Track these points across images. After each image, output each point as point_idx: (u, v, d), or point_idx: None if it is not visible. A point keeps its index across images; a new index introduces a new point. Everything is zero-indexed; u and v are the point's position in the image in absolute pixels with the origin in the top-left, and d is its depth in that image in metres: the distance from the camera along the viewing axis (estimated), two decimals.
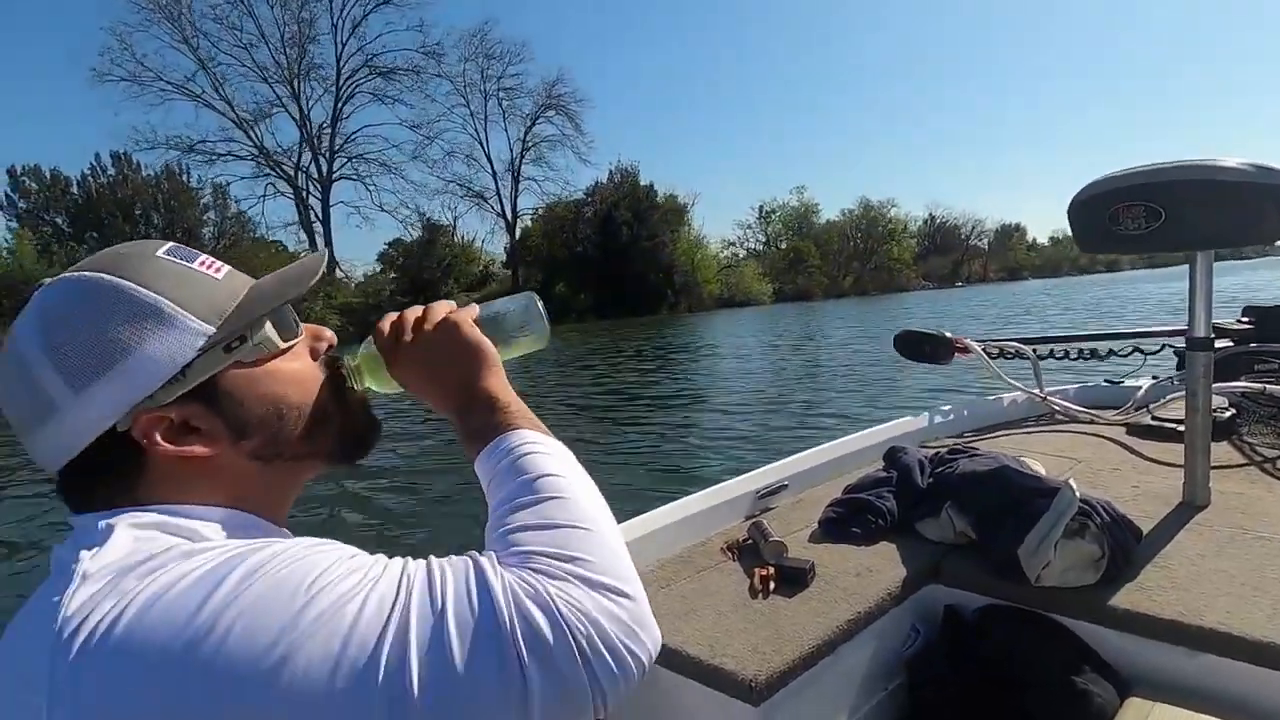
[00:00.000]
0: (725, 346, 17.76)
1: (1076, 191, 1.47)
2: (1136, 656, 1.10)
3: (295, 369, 0.56)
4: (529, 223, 47.92)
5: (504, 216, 48.47)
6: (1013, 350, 2.29)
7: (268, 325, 0.54)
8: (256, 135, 40.49)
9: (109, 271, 0.49)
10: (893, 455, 1.62)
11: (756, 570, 1.29)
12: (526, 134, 49.16)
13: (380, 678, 0.37)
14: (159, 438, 0.49)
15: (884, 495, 1.48)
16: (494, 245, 50.17)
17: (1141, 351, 2.39)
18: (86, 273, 0.50)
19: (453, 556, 0.45)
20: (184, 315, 0.49)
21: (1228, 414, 1.90)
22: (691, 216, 54.45)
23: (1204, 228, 1.29)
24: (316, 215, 41.63)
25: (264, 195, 39.96)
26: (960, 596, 1.29)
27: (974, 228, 74.51)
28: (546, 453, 0.55)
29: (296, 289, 0.56)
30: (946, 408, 2.25)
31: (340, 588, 0.40)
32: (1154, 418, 2.01)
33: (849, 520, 1.44)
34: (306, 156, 41.71)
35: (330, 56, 42.28)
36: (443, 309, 0.64)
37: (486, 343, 0.62)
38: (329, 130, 42.25)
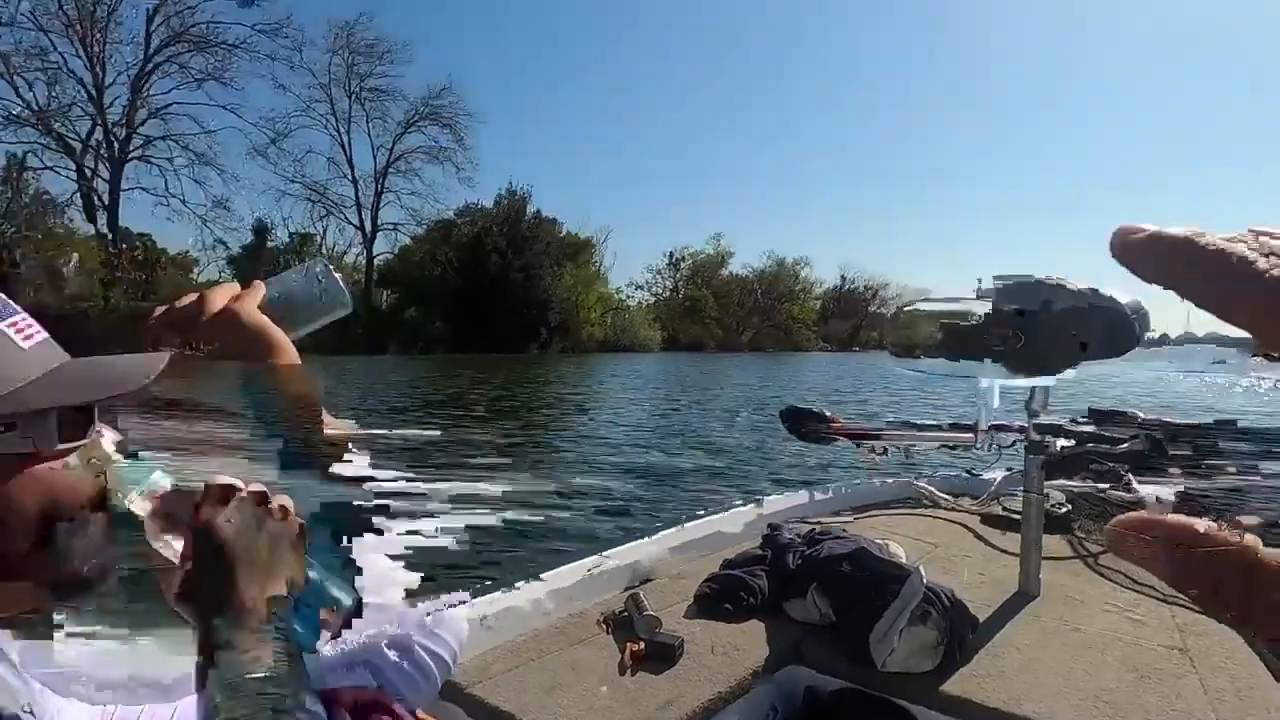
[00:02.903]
0: (600, 397, 16.38)
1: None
2: None
3: (59, 480, 0.46)
4: (407, 239, 43.32)
5: (362, 229, 42.40)
6: (888, 435, 2.46)
7: (52, 419, 0.45)
8: (36, 96, 31.24)
9: None
10: (769, 533, 1.70)
11: (628, 645, 1.31)
12: (395, 143, 43.67)
13: None
14: None
15: (757, 574, 1.54)
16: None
17: (1000, 445, 2.62)
18: None
19: None
20: None
21: (1064, 509, 2.11)
22: (601, 254, 51.74)
23: None
24: (100, 199, 32.95)
25: (24, 165, 29.63)
26: (819, 679, 1.35)
27: (875, 294, 77.29)
28: None
29: (113, 390, 0.47)
30: (827, 487, 2.39)
31: None
32: (1003, 508, 2.20)
33: (722, 597, 1.49)
34: (100, 132, 32.60)
35: (140, 18, 33.04)
36: (222, 296, 0.59)
37: (272, 332, 0.58)
38: (128, 103, 33.18)
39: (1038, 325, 1.47)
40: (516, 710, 1.13)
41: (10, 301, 0.47)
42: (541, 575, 1.52)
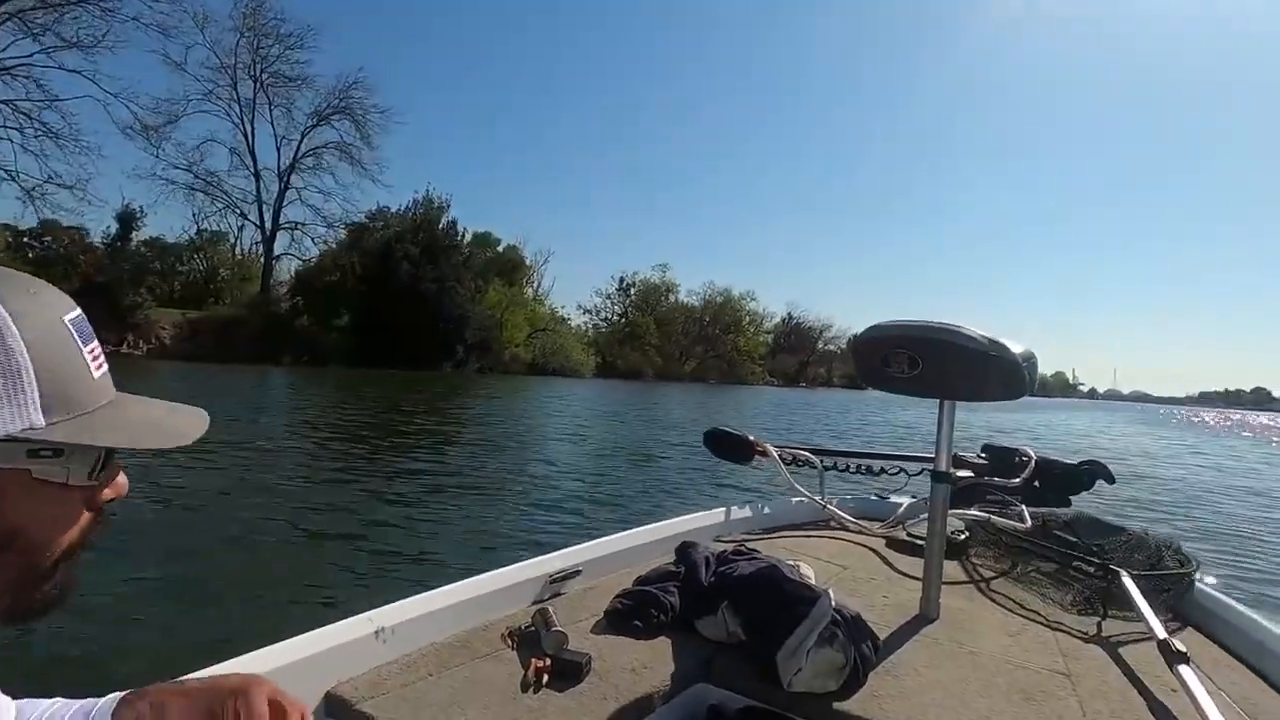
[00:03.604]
0: (508, 418, 15.86)
1: (860, 331, 1.70)
2: None
3: (71, 516, 0.48)
4: (309, 241, 39.72)
5: (262, 227, 38.91)
6: (804, 459, 2.52)
7: (94, 455, 0.47)
8: None
9: (33, 308, 0.44)
10: (683, 550, 1.69)
11: (533, 661, 1.26)
12: (304, 136, 40.31)
13: None
14: None
15: (670, 590, 1.53)
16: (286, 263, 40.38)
17: (906, 472, 2.74)
18: (17, 295, 0.44)
19: None
20: (31, 394, 0.43)
21: (962, 536, 2.21)
22: (540, 275, 51.04)
23: (948, 381, 1.54)
24: None
25: None
26: (725, 697, 1.34)
27: (822, 331, 76.47)
28: None
29: (176, 442, 0.49)
30: (742, 505, 2.41)
31: None
32: (908, 534, 2.29)
33: (633, 613, 1.47)
34: None
35: None
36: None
37: None
38: None
39: (937, 363, 1.55)
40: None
41: (90, 327, 0.49)
42: (447, 586, 1.45)
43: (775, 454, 2.45)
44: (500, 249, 46.06)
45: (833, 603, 1.31)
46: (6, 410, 0.42)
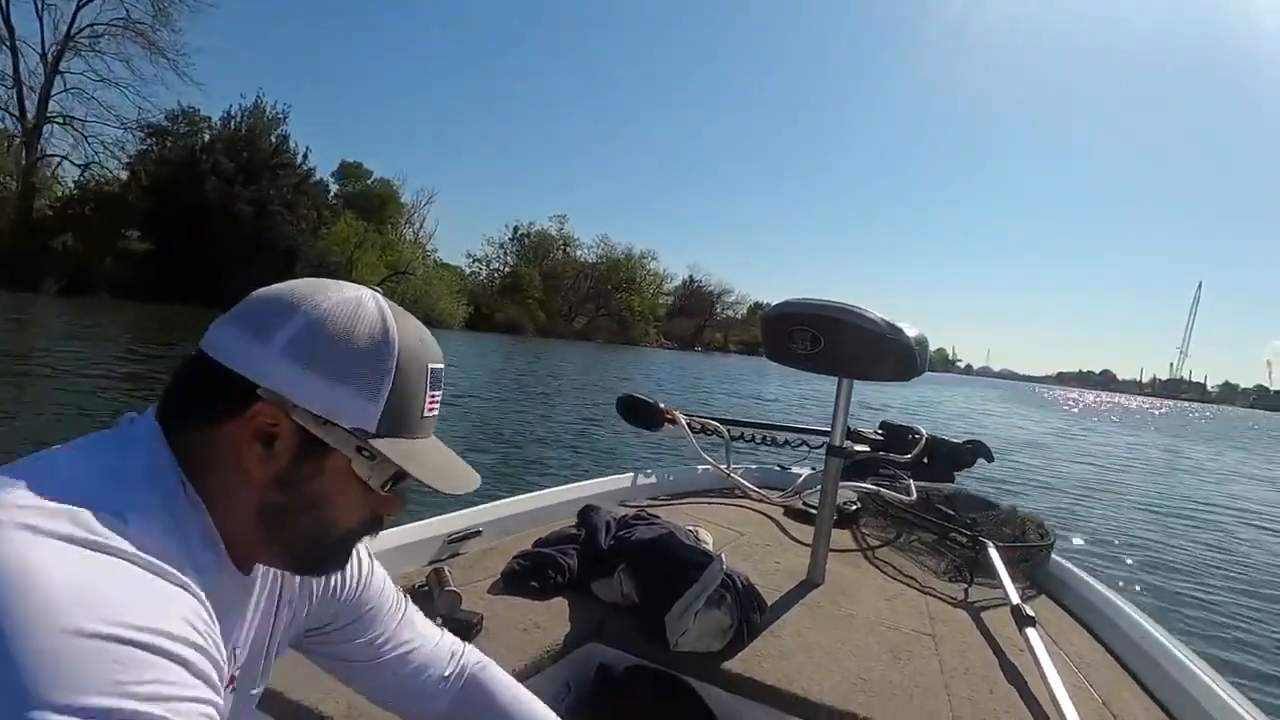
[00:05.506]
0: None
1: (769, 307, 1.74)
2: (745, 718, 1.27)
3: (357, 511, 0.58)
4: (89, 145, 29.52)
5: (21, 116, 29.06)
6: (712, 428, 2.58)
7: (390, 469, 0.56)
8: None
9: (415, 346, 0.57)
10: (585, 514, 1.71)
11: None
12: (81, 6, 29.63)
13: None
14: (257, 423, 0.51)
15: (568, 552, 1.54)
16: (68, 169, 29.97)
17: (808, 444, 2.85)
18: (410, 332, 0.57)
19: None
20: (379, 404, 0.54)
21: (854, 507, 2.34)
22: (421, 217, 45.97)
23: (847, 360, 1.61)
24: None
25: None
26: (614, 656, 1.38)
27: (721, 295, 71.91)
28: None
29: (442, 485, 0.57)
30: (648, 471, 2.45)
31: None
32: (804, 503, 2.39)
33: (530, 574, 1.48)
34: None
35: None
36: None
37: None
38: None
39: (837, 342, 1.61)
40: (284, 688, 1.04)
41: (442, 379, 0.60)
42: None
43: (684, 422, 2.50)
44: (370, 182, 40.34)
45: (724, 567, 1.36)
46: (359, 404, 0.53)
